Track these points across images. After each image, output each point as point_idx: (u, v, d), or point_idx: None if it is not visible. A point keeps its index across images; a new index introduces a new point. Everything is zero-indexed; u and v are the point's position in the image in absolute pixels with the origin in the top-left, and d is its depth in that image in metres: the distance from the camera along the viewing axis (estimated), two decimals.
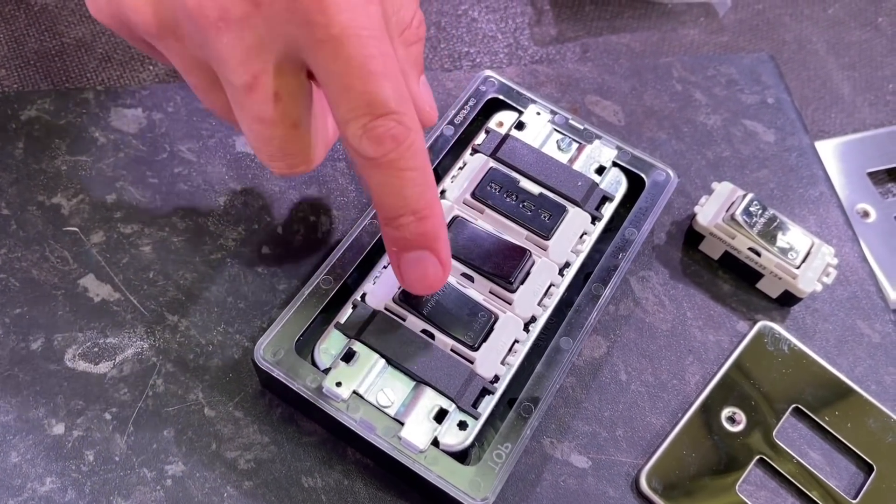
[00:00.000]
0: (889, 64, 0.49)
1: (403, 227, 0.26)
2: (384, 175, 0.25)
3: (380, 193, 0.26)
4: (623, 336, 0.33)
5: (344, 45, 0.24)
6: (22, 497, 0.28)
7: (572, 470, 0.30)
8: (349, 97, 0.24)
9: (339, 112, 0.25)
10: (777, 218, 0.34)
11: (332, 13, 0.23)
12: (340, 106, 0.25)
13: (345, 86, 0.24)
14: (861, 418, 0.32)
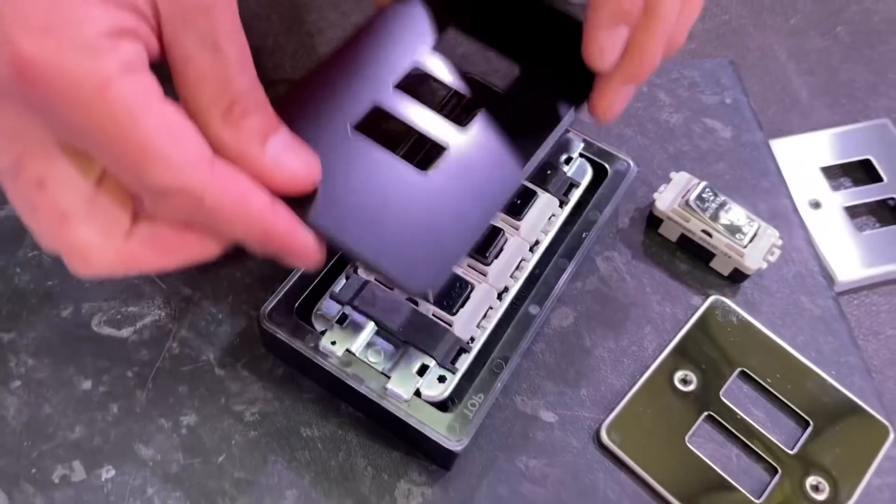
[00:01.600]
0: (846, 70, 0.53)
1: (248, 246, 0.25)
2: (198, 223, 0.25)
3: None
4: (588, 308, 0.37)
5: (99, 139, 0.22)
6: (54, 443, 0.32)
7: (541, 424, 0.34)
8: (127, 180, 0.23)
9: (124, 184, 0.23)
10: (727, 203, 0.38)
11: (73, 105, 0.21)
12: (124, 184, 0.24)
13: (116, 170, 0.23)
14: (800, 381, 0.36)
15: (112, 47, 0.21)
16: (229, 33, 0.24)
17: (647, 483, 0.33)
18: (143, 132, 0.22)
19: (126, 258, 0.25)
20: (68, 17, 0.20)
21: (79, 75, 0.21)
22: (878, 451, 0.34)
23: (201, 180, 0.23)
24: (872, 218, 0.47)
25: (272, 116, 0.26)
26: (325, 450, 0.32)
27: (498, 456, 0.33)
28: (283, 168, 0.25)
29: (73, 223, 0.23)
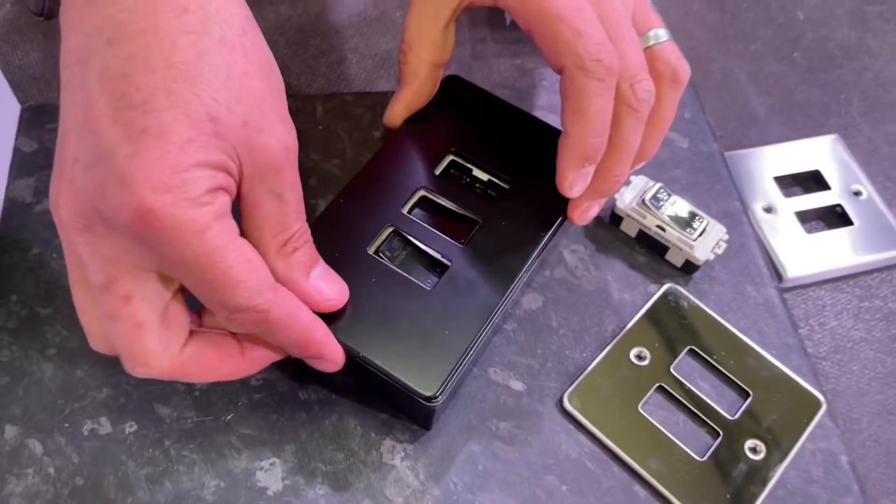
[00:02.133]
0: (801, 91, 0.58)
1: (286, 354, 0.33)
2: (257, 334, 0.30)
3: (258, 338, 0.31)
4: (555, 294, 0.42)
5: (194, 269, 0.27)
6: (84, 402, 0.36)
7: (511, 392, 0.38)
8: (210, 300, 0.28)
9: (204, 303, 0.29)
10: (679, 202, 0.42)
11: (179, 245, 0.26)
12: (204, 302, 0.29)
13: (202, 293, 0.28)
14: (742, 358, 0.40)
15: (211, 201, 0.26)
16: (292, 186, 0.30)
17: (604, 443, 0.37)
18: (229, 264, 0.27)
19: (177, 367, 0.30)
20: (182, 178, 0.26)
21: (186, 222, 0.26)
22: (811, 419, 0.39)
23: (268, 300, 0.29)
24: (821, 222, 0.51)
25: (314, 251, 0.32)
26: (320, 411, 0.37)
27: (472, 419, 0.37)
28: (321, 293, 0.32)
29: (146, 332, 0.28)
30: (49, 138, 0.44)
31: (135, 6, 0.26)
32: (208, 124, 0.26)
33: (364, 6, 0.58)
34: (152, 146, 0.25)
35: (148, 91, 0.25)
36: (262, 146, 0.28)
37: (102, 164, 0.26)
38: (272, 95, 0.29)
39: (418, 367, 0.34)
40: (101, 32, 0.26)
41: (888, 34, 0.63)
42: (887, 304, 0.48)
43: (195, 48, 0.26)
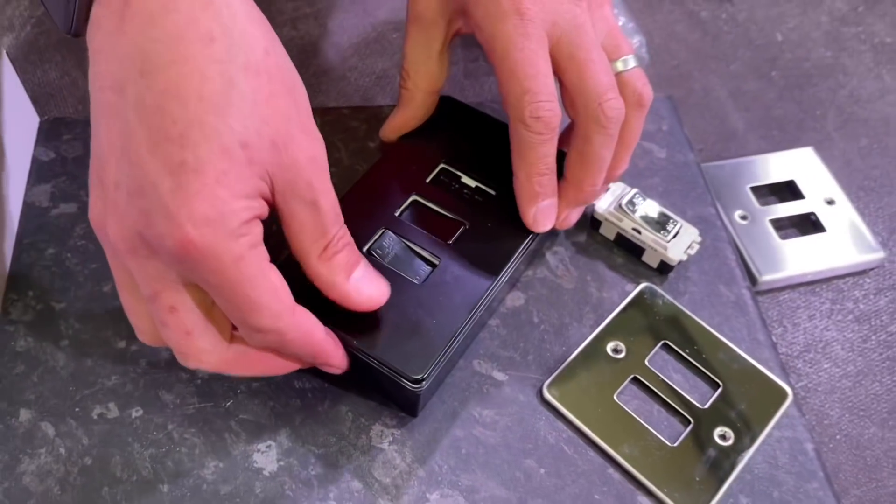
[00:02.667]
0: (778, 107, 0.61)
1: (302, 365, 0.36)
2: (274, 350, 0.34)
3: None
4: (537, 292, 0.44)
5: (227, 293, 0.29)
6: (94, 389, 0.39)
7: (494, 381, 0.41)
8: (236, 320, 0.31)
9: (230, 319, 0.32)
10: (654, 206, 0.45)
11: (215, 272, 0.28)
12: (230, 318, 0.31)
13: (231, 313, 0.31)
14: (713, 352, 0.42)
15: (247, 232, 0.29)
16: (324, 193, 0.32)
17: (581, 430, 0.39)
18: (257, 292, 0.30)
19: (227, 361, 0.33)
20: (221, 212, 0.28)
21: (223, 253, 0.28)
22: (778, 409, 0.41)
23: (287, 323, 0.31)
24: (795, 230, 0.54)
25: (355, 253, 0.34)
26: (313, 398, 0.39)
27: (457, 407, 0.40)
28: (361, 293, 0.34)
29: (195, 336, 0.32)
30: (65, 148, 0.48)
31: (164, 36, 0.27)
32: (240, 151, 0.28)
33: (362, 28, 0.62)
34: (191, 180, 0.27)
35: (183, 124, 0.27)
36: (291, 162, 0.30)
37: (146, 194, 0.28)
38: (298, 111, 0.30)
39: (406, 353, 0.36)
40: (133, 62, 0.27)
41: (863, 54, 0.66)
42: (858, 307, 0.51)
43: (223, 77, 0.27)
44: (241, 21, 0.28)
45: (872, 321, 0.49)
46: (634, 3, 0.67)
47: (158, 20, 0.27)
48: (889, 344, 0.48)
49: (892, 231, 0.54)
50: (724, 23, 0.66)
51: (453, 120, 0.46)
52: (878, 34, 0.67)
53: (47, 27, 0.59)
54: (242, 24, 0.28)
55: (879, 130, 0.60)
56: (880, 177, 0.57)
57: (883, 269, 0.52)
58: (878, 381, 0.47)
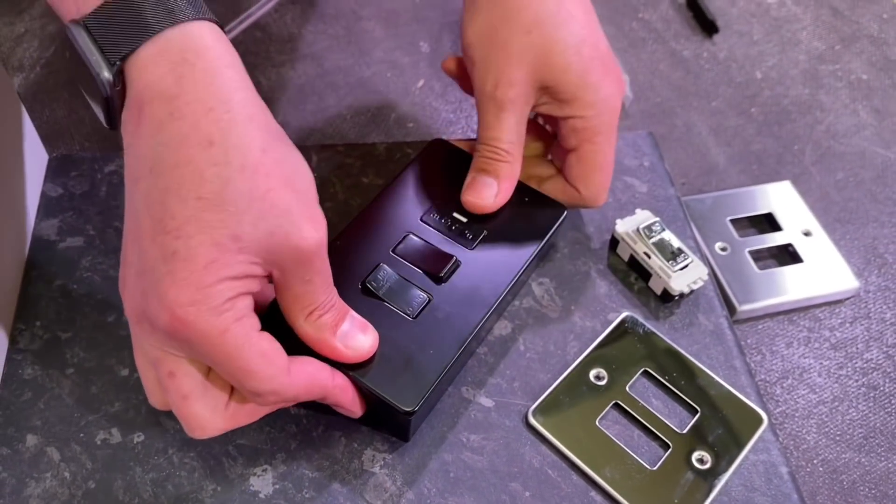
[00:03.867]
0: (758, 143, 0.63)
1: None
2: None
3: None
4: (524, 321, 0.46)
5: (217, 363, 0.32)
6: (98, 415, 0.41)
7: (481, 407, 0.42)
8: (234, 385, 0.33)
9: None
10: (671, 237, 0.47)
11: (204, 345, 0.31)
12: (231, 384, 0.34)
13: (227, 380, 0.33)
14: (692, 379, 0.44)
15: (231, 307, 0.31)
16: (319, 272, 0.34)
17: (565, 454, 0.41)
18: (245, 359, 0.32)
19: (227, 422, 0.35)
20: (206, 293, 0.30)
21: (208, 328, 0.31)
22: (753, 433, 0.42)
23: (281, 383, 0.33)
24: (773, 260, 0.55)
25: (341, 310, 0.37)
26: (308, 424, 0.41)
27: (445, 432, 0.41)
28: (347, 348, 0.37)
29: (192, 401, 0.34)
30: (72, 184, 0.50)
31: (170, 140, 0.30)
32: (231, 243, 0.30)
33: (358, 68, 0.64)
34: (181, 268, 0.30)
35: (180, 219, 0.30)
36: (291, 249, 0.32)
37: (146, 276, 0.31)
38: (298, 200, 0.32)
39: (399, 385, 0.38)
40: (146, 161, 0.31)
41: (839, 91, 0.68)
42: (835, 335, 0.52)
43: (220, 178, 0.30)
44: (240, 125, 0.31)
45: (848, 349, 0.51)
46: (618, 42, 0.70)
47: (165, 126, 0.30)
48: (864, 371, 0.50)
49: (867, 262, 0.56)
50: (706, 61, 0.69)
51: (444, 161, 0.49)
52: (854, 71, 0.69)
53: (56, 68, 0.62)
54: (240, 128, 0.31)
55: (855, 164, 0.62)
56: (856, 209, 0.59)
57: (858, 299, 0.54)
58: (854, 408, 0.48)
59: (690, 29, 0.72)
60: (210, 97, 0.31)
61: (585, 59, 0.42)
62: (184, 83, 0.30)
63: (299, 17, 0.68)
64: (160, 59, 0.31)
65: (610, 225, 0.50)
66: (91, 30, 0.31)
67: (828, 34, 0.73)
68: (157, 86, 0.30)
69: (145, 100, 0.31)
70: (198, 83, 0.31)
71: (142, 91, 0.31)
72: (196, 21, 0.31)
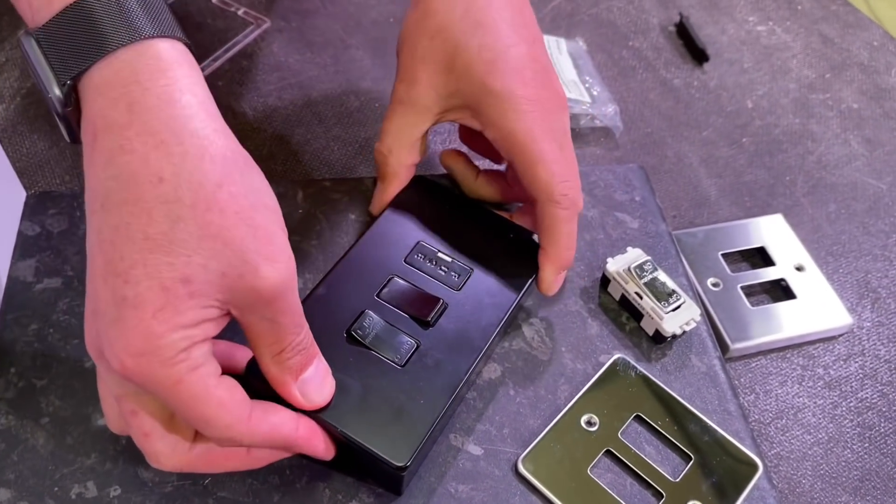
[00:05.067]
0: (749, 173, 0.62)
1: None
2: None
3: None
4: (513, 364, 0.45)
5: (175, 408, 0.31)
6: (73, 468, 0.39)
7: (469, 456, 0.41)
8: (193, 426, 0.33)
9: None
10: (662, 277, 0.46)
11: (158, 392, 0.30)
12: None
13: (188, 423, 0.32)
14: (685, 424, 0.43)
15: (184, 358, 0.30)
16: (284, 311, 0.32)
17: None
18: (202, 408, 0.31)
19: (187, 464, 0.34)
20: (156, 345, 0.29)
21: (160, 378, 0.30)
22: (748, 481, 0.41)
23: (239, 432, 0.32)
24: (766, 296, 0.55)
25: (310, 354, 0.35)
26: (291, 475, 0.40)
27: (433, 482, 0.40)
28: (305, 396, 0.35)
29: (153, 439, 0.33)
30: (50, 223, 0.48)
31: (120, 174, 0.29)
32: (181, 287, 0.29)
33: (345, 98, 0.64)
34: (130, 315, 0.29)
35: (129, 261, 0.29)
36: (247, 288, 0.30)
37: (99, 318, 0.30)
38: (256, 237, 0.30)
39: (390, 439, 0.37)
40: (97, 195, 0.30)
41: (830, 120, 0.68)
42: (829, 372, 0.51)
43: (168, 218, 0.29)
44: (192, 158, 0.29)
45: (843, 387, 0.50)
46: (608, 71, 0.69)
47: (116, 160, 0.29)
48: (859, 410, 0.49)
49: (860, 297, 0.55)
50: (696, 90, 0.68)
51: (426, 199, 0.48)
52: (844, 100, 0.69)
53: (37, 98, 0.61)
54: (193, 162, 0.29)
55: (847, 195, 0.61)
56: (848, 241, 0.58)
57: (852, 335, 0.53)
58: (850, 448, 0.48)
59: (681, 57, 0.72)
60: (162, 127, 0.29)
61: (486, 62, 0.42)
62: (135, 110, 0.29)
63: (286, 46, 0.67)
64: (114, 82, 0.29)
65: (600, 262, 0.49)
66: (42, 44, 0.29)
67: (818, 62, 0.73)
68: (108, 113, 0.29)
69: (98, 128, 0.29)
70: (150, 111, 0.29)
71: (94, 118, 0.29)
72: (157, 39, 0.29)
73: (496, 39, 0.43)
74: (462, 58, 0.43)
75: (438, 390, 0.39)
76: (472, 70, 0.43)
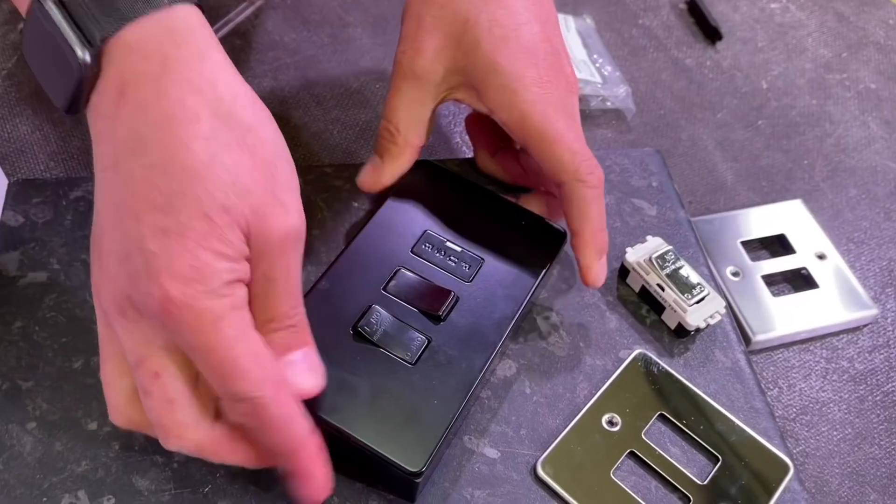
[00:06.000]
0: (766, 157, 0.60)
1: (280, 462, 0.33)
2: (253, 429, 0.31)
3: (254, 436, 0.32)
4: (529, 360, 0.42)
5: (206, 355, 0.29)
6: (63, 475, 0.37)
7: (485, 459, 0.39)
8: (217, 386, 0.30)
9: (213, 388, 0.31)
10: (686, 268, 0.44)
11: (195, 331, 0.28)
12: (213, 387, 0.30)
13: (211, 379, 0.30)
14: (711, 423, 0.41)
15: (229, 293, 0.29)
16: (283, 273, 0.31)
17: None
18: (237, 354, 0.29)
19: (210, 442, 0.32)
20: (203, 272, 0.28)
21: (203, 312, 0.28)
22: (779, 484, 0.39)
23: (269, 395, 0.30)
24: (787, 285, 0.53)
25: (299, 336, 0.33)
26: None
27: (447, 488, 0.38)
28: (291, 380, 0.32)
29: (177, 406, 0.31)
30: (34, 212, 0.45)
31: (155, 118, 0.29)
32: (223, 215, 0.29)
33: (344, 79, 0.61)
34: (174, 243, 0.28)
35: (167, 193, 0.28)
36: (265, 232, 0.30)
37: (133, 259, 0.29)
38: (278, 185, 0.31)
39: (403, 443, 0.35)
40: (127, 143, 0.29)
41: (848, 101, 0.66)
42: (854, 366, 0.50)
43: (206, 152, 0.29)
44: (226, 103, 0.30)
45: (868, 380, 0.48)
46: (618, 50, 0.67)
47: (151, 105, 0.29)
48: (885, 405, 0.47)
49: (884, 285, 0.53)
50: (710, 70, 0.66)
51: (432, 185, 0.45)
52: (862, 80, 0.67)
53: (19, 80, 0.57)
54: (227, 107, 0.30)
55: (867, 180, 0.59)
56: (869, 228, 0.56)
57: (876, 325, 0.51)
58: (877, 445, 0.46)
59: (693, 36, 0.69)
60: (196, 77, 0.30)
61: (497, 38, 0.40)
62: (169, 63, 0.30)
63: (281, 24, 0.64)
64: (147, 40, 0.30)
65: (618, 252, 0.47)
66: (69, 7, 0.30)
67: (834, 41, 0.70)
68: (140, 67, 0.30)
69: (128, 81, 0.30)
70: (183, 64, 0.30)
71: (122, 74, 0.30)
72: (180, 4, 0.30)
73: (508, 16, 0.41)
74: (471, 32, 0.41)
75: (453, 390, 0.37)
76: (481, 46, 0.41)
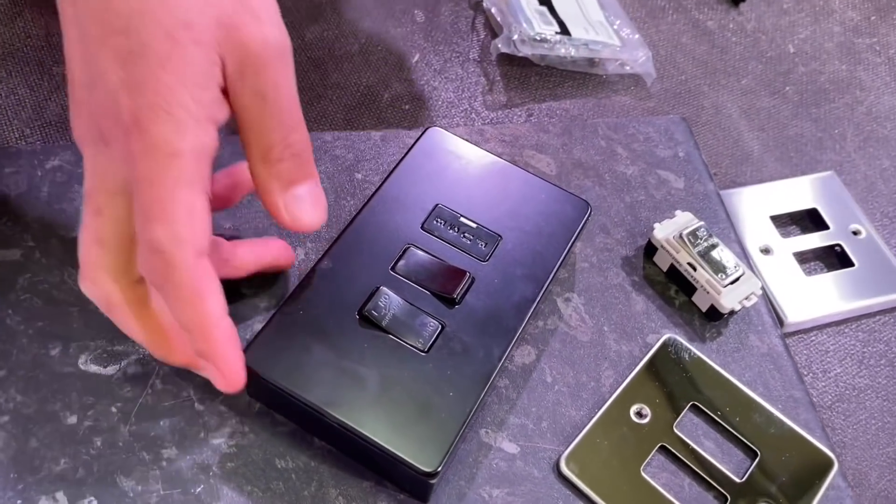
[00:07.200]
0: (794, 126, 0.57)
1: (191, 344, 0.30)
2: (158, 288, 0.29)
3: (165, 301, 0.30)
4: (549, 346, 0.39)
5: (144, 187, 0.28)
6: (40, 475, 0.33)
7: (504, 455, 0.36)
8: (138, 225, 0.28)
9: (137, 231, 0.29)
10: (719, 245, 0.40)
11: (145, 158, 0.27)
12: (136, 228, 0.29)
13: (137, 215, 0.28)
14: (748, 414, 0.38)
15: (193, 132, 0.27)
16: (275, 86, 0.29)
17: None
18: (172, 198, 0.27)
19: (121, 300, 0.31)
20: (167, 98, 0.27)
21: (159, 142, 0.27)
22: (823, 481, 0.36)
23: (184, 258, 0.28)
24: (820, 263, 0.49)
25: (304, 167, 0.31)
26: (298, 480, 0.34)
27: (463, 486, 0.35)
28: (289, 211, 0.31)
29: (104, 249, 0.30)
30: (7, 183, 0.42)
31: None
32: (184, 33, 0.27)
33: (343, 41, 0.57)
34: (138, 66, 0.27)
35: (126, 16, 0.27)
36: (240, 43, 0.28)
37: (98, 85, 0.28)
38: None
39: (416, 440, 0.31)
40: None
41: (879, 67, 0.62)
42: (892, 349, 0.46)
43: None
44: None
45: None
46: (637, 13, 0.63)
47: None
48: None
49: None
50: (733, 33, 0.62)
51: (443, 154, 0.41)
52: (892, 45, 0.63)
53: None
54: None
55: None
56: None
57: None
58: None
59: None
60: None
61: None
62: None
63: None
64: None
65: (643, 228, 0.43)
66: None
67: (862, 3, 0.66)
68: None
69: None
70: None
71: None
72: None
73: None
74: None
75: (469, 380, 0.33)
76: None
